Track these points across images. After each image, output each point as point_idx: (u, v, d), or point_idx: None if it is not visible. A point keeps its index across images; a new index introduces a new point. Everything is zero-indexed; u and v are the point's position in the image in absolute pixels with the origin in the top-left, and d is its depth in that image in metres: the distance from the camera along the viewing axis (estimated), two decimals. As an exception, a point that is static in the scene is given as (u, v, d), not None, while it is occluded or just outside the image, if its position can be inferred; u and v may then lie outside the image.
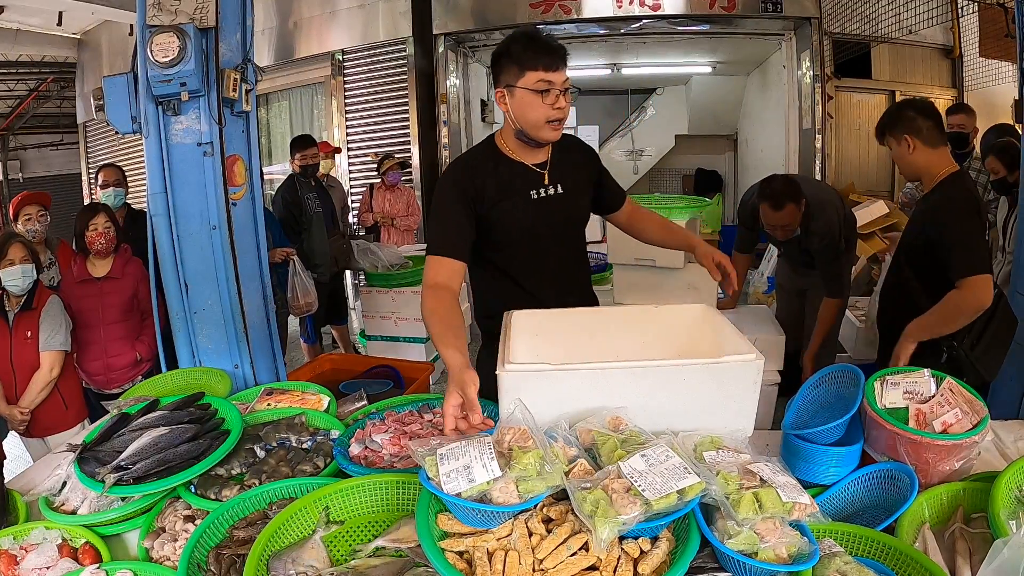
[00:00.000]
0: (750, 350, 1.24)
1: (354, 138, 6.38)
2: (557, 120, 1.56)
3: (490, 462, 1.03)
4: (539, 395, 1.20)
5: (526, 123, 1.57)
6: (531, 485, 1.01)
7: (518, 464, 1.03)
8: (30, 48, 7.63)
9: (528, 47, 1.52)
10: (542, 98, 1.52)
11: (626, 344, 1.53)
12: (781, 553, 0.97)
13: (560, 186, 1.70)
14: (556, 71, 1.52)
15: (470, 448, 1.06)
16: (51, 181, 8.76)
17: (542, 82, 1.51)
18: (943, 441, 1.27)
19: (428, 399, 1.78)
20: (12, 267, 2.45)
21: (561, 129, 1.60)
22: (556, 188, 1.70)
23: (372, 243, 4.60)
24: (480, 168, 1.66)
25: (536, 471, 1.02)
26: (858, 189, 5.99)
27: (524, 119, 1.57)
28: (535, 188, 1.67)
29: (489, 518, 1.00)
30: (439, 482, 1.02)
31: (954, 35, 6.23)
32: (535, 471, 1.02)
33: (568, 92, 1.55)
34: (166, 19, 1.94)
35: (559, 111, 1.54)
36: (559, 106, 1.54)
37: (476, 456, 1.04)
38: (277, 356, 2.40)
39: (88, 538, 1.31)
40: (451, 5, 5.96)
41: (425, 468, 1.06)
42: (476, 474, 1.01)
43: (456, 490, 1.00)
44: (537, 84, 1.51)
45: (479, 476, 1.01)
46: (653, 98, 9.40)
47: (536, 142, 1.63)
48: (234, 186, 2.13)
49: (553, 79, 1.51)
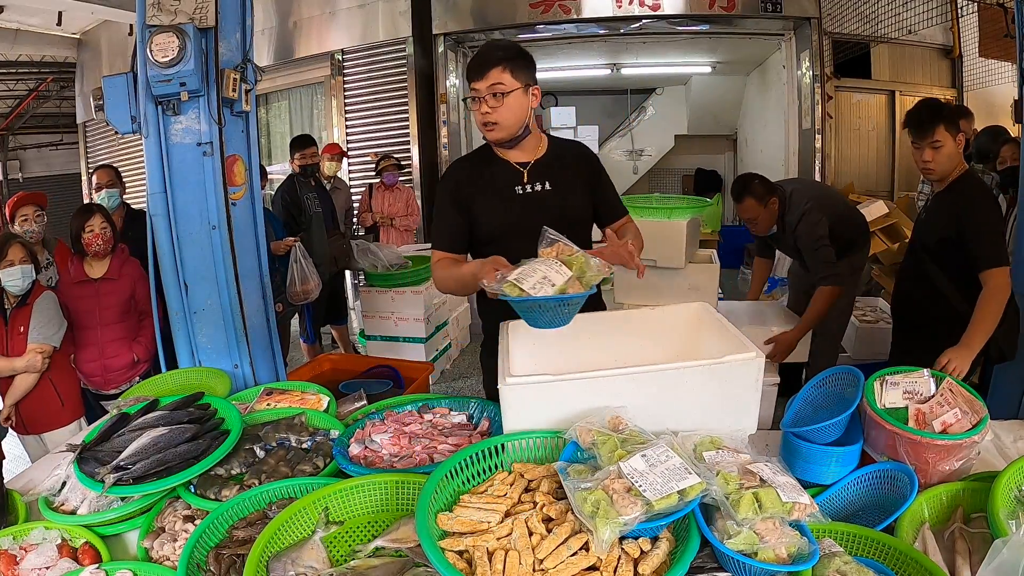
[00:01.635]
0: (750, 348, 1.25)
1: (354, 138, 6.38)
2: (484, 124, 1.67)
3: (559, 268, 1.30)
4: (542, 406, 1.22)
5: (477, 126, 1.72)
6: (590, 277, 1.31)
7: (574, 266, 1.32)
8: (30, 48, 7.63)
9: (469, 63, 1.68)
10: (474, 105, 1.67)
11: (626, 346, 1.53)
12: (781, 553, 0.97)
13: (548, 183, 1.75)
14: (480, 80, 1.63)
15: (536, 266, 1.31)
16: (51, 181, 8.77)
17: (473, 91, 1.66)
18: (943, 441, 1.27)
19: (428, 399, 1.78)
20: (12, 268, 2.46)
21: (497, 130, 1.67)
22: (543, 185, 1.75)
23: (372, 243, 4.60)
24: (471, 168, 1.80)
25: (588, 267, 1.32)
26: (858, 189, 6.00)
27: (476, 122, 1.72)
28: (518, 184, 1.75)
29: (573, 308, 1.32)
30: (530, 295, 1.27)
31: (954, 35, 6.23)
32: (587, 268, 1.32)
33: (498, 96, 1.62)
34: (166, 19, 1.93)
35: (484, 115, 1.66)
36: (483, 111, 1.65)
37: (545, 269, 1.30)
38: (277, 356, 2.40)
39: (88, 538, 1.31)
40: (451, 5, 5.96)
41: (507, 292, 1.29)
42: (555, 279, 1.28)
43: (546, 294, 1.26)
44: (471, 94, 1.67)
45: (557, 280, 1.28)
46: (653, 98, 9.40)
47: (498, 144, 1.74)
48: (234, 186, 2.13)
49: (478, 87, 1.64)
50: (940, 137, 2.03)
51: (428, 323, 4.41)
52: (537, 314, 1.33)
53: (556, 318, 1.33)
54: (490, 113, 1.64)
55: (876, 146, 6.41)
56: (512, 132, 1.69)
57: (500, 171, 1.75)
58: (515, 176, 1.75)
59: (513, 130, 1.68)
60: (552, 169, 1.76)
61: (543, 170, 1.75)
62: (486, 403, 1.69)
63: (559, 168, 1.77)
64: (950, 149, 2.05)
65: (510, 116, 1.65)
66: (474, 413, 1.69)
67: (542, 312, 1.31)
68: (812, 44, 5.61)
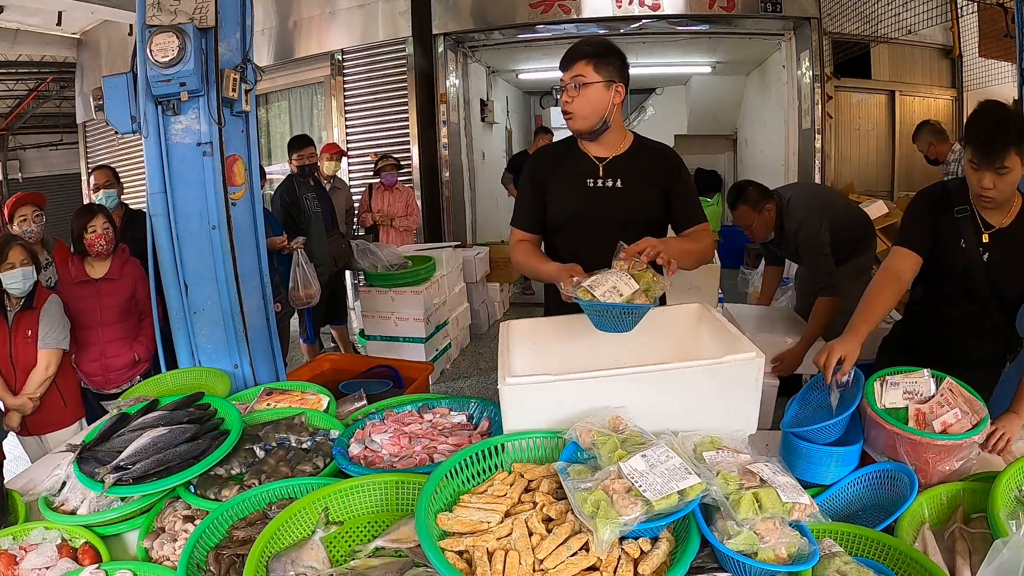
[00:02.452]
0: (750, 348, 1.25)
1: (353, 138, 6.38)
2: (564, 112, 1.75)
3: (628, 280, 1.40)
4: (543, 405, 1.22)
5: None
6: (655, 291, 1.41)
7: (642, 280, 1.42)
8: (30, 48, 7.63)
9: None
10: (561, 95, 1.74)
11: (625, 347, 1.53)
12: (781, 553, 0.97)
13: (620, 181, 1.79)
14: (566, 70, 1.71)
15: (608, 276, 1.42)
16: (50, 181, 8.78)
17: (561, 82, 1.73)
18: (943, 441, 1.27)
19: (428, 399, 1.78)
20: (13, 270, 2.45)
21: (574, 120, 1.74)
22: (615, 182, 1.79)
23: (372, 243, 4.60)
24: (553, 155, 1.90)
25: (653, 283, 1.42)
26: (858, 189, 6.00)
27: None
28: (592, 177, 1.80)
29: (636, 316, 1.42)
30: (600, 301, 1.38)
31: (954, 35, 6.23)
32: (653, 283, 1.42)
33: (578, 87, 1.70)
34: (166, 19, 1.93)
35: (564, 104, 1.74)
36: (564, 100, 1.73)
37: (615, 280, 1.40)
38: (277, 356, 2.40)
39: (88, 538, 1.31)
40: (451, 5, 5.96)
41: (580, 297, 1.40)
42: (623, 290, 1.38)
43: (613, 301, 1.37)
44: (560, 85, 1.74)
45: (625, 291, 1.38)
46: (653, 98, 9.41)
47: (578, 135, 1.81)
48: (234, 186, 2.12)
49: (564, 79, 1.72)
50: (1010, 164, 1.60)
51: (428, 323, 4.41)
52: (604, 318, 1.44)
53: (620, 324, 1.45)
54: (569, 103, 1.71)
55: (876, 146, 6.41)
56: (590, 124, 1.74)
57: (578, 162, 1.81)
58: (591, 169, 1.80)
59: (591, 122, 1.73)
60: (628, 167, 1.80)
61: (619, 167, 1.79)
62: (486, 403, 1.69)
63: (635, 167, 1.80)
64: (1015, 176, 1.63)
65: (588, 108, 1.70)
66: (474, 413, 1.69)
67: (608, 317, 1.43)
68: (812, 44, 5.62)
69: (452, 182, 6.49)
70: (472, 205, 6.98)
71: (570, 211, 1.80)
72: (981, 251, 1.76)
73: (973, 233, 1.76)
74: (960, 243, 1.78)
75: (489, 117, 7.55)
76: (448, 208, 6.47)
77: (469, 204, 6.91)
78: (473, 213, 7.03)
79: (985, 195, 1.67)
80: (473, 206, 7.02)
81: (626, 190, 1.78)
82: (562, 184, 1.81)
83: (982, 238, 1.76)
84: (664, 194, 1.82)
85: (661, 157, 1.85)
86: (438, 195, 6.43)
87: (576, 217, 1.79)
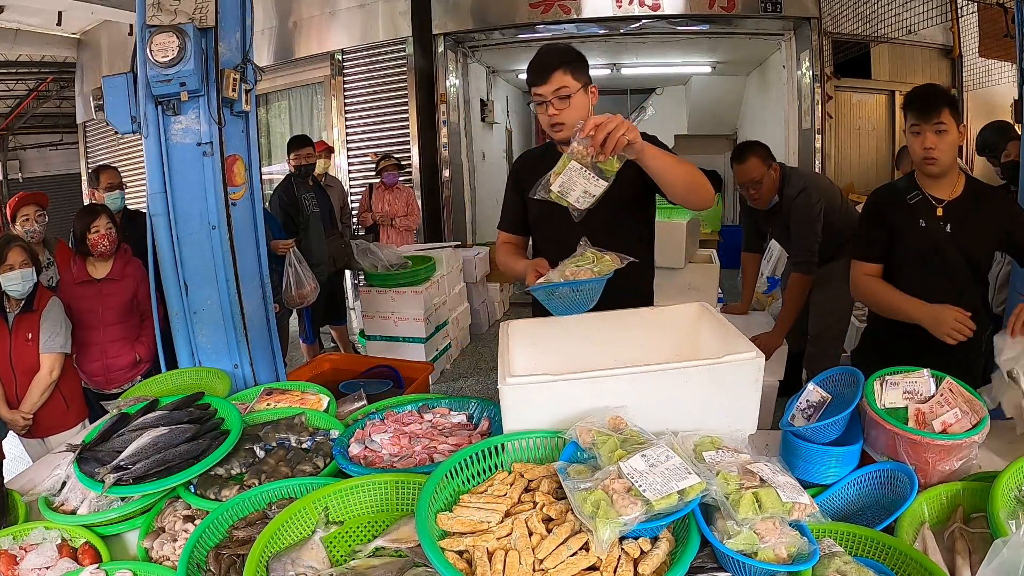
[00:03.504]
0: (750, 348, 1.25)
1: (353, 138, 6.38)
2: (552, 125, 1.77)
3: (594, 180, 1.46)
4: (542, 405, 1.22)
5: (544, 128, 1.82)
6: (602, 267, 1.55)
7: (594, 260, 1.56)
8: (30, 48, 7.63)
9: (529, 68, 1.76)
10: (539, 109, 1.77)
11: (625, 347, 1.53)
12: (781, 553, 0.97)
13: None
14: (543, 84, 1.72)
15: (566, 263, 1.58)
16: (51, 181, 8.78)
17: (536, 96, 1.75)
18: (943, 441, 1.27)
19: (428, 399, 1.78)
20: (12, 272, 2.44)
21: (564, 130, 1.75)
22: None
23: (371, 243, 4.60)
24: (534, 158, 2.00)
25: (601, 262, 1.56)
26: (858, 189, 5.99)
27: (542, 124, 1.82)
28: None
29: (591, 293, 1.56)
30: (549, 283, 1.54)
31: (954, 35, 6.23)
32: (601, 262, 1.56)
33: (564, 98, 1.72)
34: (166, 19, 1.93)
35: (552, 117, 1.75)
36: (551, 113, 1.74)
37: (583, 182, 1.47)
38: (277, 356, 2.40)
39: (88, 538, 1.31)
40: (451, 5, 5.96)
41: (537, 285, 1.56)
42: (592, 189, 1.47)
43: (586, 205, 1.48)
44: (534, 99, 1.76)
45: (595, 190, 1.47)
46: (653, 98, 9.42)
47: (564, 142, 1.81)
48: (234, 186, 2.13)
49: (541, 92, 1.73)
50: (946, 120, 1.82)
51: (428, 323, 4.42)
52: (558, 302, 1.56)
53: (574, 304, 1.56)
54: (557, 115, 1.74)
55: (876, 146, 6.41)
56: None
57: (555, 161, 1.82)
58: None
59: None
60: None
61: None
62: (486, 403, 1.69)
63: None
64: (953, 138, 1.84)
65: (575, 115, 1.73)
66: (474, 413, 1.69)
67: (560, 300, 1.55)
68: (812, 44, 5.62)
69: (452, 182, 6.50)
70: (472, 205, 6.99)
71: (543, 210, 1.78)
72: (942, 224, 1.90)
73: (929, 211, 1.91)
74: (919, 224, 1.92)
75: (489, 117, 7.55)
76: (448, 208, 6.48)
77: (469, 204, 6.92)
78: (473, 213, 7.03)
79: (928, 155, 1.84)
80: (473, 206, 7.02)
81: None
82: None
83: (936, 212, 1.91)
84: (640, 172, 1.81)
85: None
86: (438, 195, 6.43)
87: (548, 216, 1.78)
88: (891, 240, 1.97)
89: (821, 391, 1.45)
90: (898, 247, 1.97)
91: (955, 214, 1.90)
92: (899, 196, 1.97)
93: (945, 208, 1.91)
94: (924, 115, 1.84)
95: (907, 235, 1.94)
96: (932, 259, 1.92)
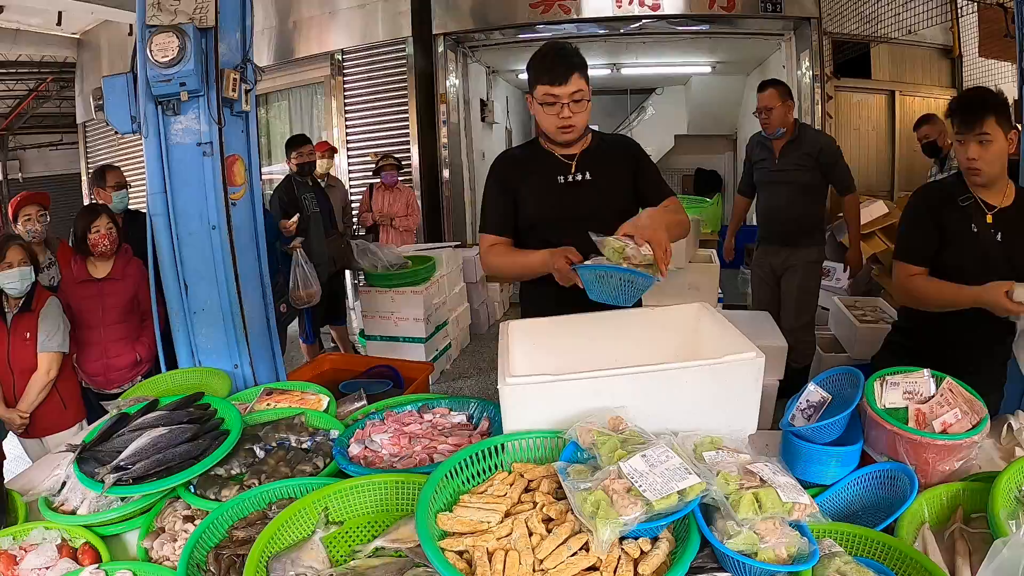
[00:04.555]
0: (750, 348, 1.24)
1: (354, 138, 6.37)
2: (563, 127, 1.74)
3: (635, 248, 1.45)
4: (542, 405, 1.22)
5: (544, 128, 1.79)
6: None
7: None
8: (30, 48, 7.63)
9: (539, 63, 1.72)
10: (550, 109, 1.72)
11: (625, 347, 1.53)
12: (781, 553, 0.97)
13: (589, 173, 1.82)
14: (561, 85, 1.68)
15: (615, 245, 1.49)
16: (51, 181, 8.77)
17: (549, 95, 1.70)
18: (943, 441, 1.27)
19: (428, 399, 1.78)
20: (10, 270, 2.44)
21: (573, 132, 1.75)
22: (585, 175, 1.82)
23: (371, 243, 4.60)
24: (520, 157, 1.93)
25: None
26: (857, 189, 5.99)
27: (541, 124, 1.79)
28: (562, 174, 1.83)
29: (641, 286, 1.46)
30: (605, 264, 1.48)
31: (954, 35, 6.22)
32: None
33: (579, 101, 1.70)
34: (166, 19, 1.93)
35: (565, 120, 1.72)
36: (564, 116, 1.71)
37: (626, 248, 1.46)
38: (277, 356, 2.40)
39: (88, 538, 1.31)
40: (451, 5, 5.95)
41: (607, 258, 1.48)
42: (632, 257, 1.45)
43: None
44: (544, 97, 1.71)
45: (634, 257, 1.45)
46: (653, 98, 9.41)
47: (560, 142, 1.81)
48: (233, 186, 2.13)
49: (558, 93, 1.69)
50: (990, 130, 1.73)
51: (428, 323, 4.41)
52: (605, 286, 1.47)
53: (621, 295, 1.48)
54: (571, 117, 1.72)
55: (876, 146, 6.40)
56: (582, 133, 1.81)
57: (546, 162, 1.85)
58: (560, 166, 1.84)
59: (583, 130, 1.81)
60: (594, 160, 1.84)
61: (587, 161, 1.84)
62: (486, 403, 1.69)
63: (601, 159, 1.85)
64: (1000, 147, 1.75)
65: (586, 119, 1.76)
66: (474, 413, 1.68)
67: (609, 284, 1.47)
68: (812, 44, 5.61)
69: (452, 182, 6.49)
70: (472, 205, 6.98)
71: (545, 208, 1.83)
72: (993, 231, 1.82)
73: (980, 217, 1.82)
74: (971, 228, 1.82)
75: (489, 117, 7.55)
76: (448, 208, 6.47)
77: (469, 204, 6.91)
78: (473, 213, 7.03)
79: (972, 167, 1.77)
80: (473, 206, 7.02)
81: (596, 181, 1.83)
82: (534, 184, 1.84)
83: (987, 219, 1.83)
84: (631, 178, 1.87)
85: (622, 146, 1.93)
86: (438, 195, 6.43)
87: (551, 214, 1.82)
88: (941, 243, 1.86)
89: (821, 391, 1.45)
90: (948, 251, 1.85)
91: (1006, 223, 1.82)
92: (951, 197, 1.86)
93: (995, 216, 1.83)
94: (966, 125, 1.76)
95: (958, 239, 1.84)
96: (979, 267, 1.80)
